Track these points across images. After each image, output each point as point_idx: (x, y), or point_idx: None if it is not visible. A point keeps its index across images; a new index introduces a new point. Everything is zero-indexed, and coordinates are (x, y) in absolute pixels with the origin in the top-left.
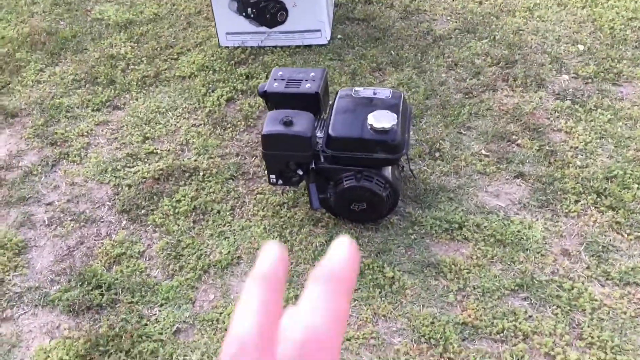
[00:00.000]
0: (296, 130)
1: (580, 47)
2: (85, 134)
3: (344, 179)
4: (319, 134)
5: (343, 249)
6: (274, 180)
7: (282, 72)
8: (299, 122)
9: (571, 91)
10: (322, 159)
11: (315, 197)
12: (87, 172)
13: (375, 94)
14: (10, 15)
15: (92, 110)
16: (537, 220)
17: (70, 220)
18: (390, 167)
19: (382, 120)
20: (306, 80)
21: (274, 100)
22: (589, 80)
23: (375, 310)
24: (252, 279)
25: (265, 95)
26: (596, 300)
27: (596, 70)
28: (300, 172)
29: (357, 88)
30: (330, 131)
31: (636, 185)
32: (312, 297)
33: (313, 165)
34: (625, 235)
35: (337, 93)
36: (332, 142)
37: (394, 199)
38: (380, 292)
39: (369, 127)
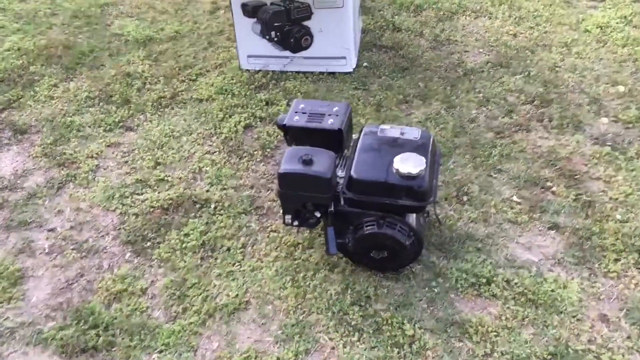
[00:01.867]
0: (316, 170)
1: (621, 89)
2: (95, 155)
3: (365, 224)
4: (339, 172)
5: None
6: (290, 220)
7: (304, 105)
8: (319, 161)
9: (611, 136)
10: (342, 202)
11: (333, 242)
12: (93, 197)
13: (402, 133)
14: (28, 26)
15: (104, 130)
16: (573, 279)
17: (72, 249)
18: (415, 214)
19: (409, 164)
20: (329, 115)
21: (293, 134)
22: (630, 125)
23: None
24: None
25: (284, 128)
26: None
27: (638, 114)
28: (318, 214)
29: (383, 126)
30: (352, 173)
31: None
32: None
33: (332, 208)
34: None
35: (361, 129)
36: (354, 185)
37: (418, 248)
38: (398, 352)
39: (394, 171)
